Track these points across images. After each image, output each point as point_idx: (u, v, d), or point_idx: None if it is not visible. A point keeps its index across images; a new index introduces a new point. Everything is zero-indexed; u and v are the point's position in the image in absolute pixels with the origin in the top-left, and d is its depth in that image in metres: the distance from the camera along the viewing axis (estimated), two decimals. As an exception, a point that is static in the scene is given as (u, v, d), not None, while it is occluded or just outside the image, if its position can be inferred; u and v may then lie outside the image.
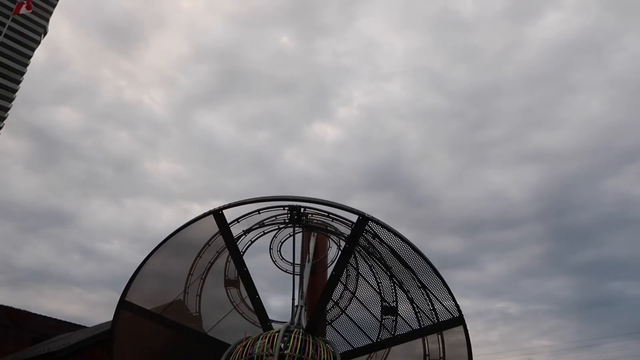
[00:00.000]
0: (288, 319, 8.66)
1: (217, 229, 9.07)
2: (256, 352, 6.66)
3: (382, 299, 10.50)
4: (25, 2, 31.53)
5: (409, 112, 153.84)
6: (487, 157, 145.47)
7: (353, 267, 11.07)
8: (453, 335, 8.80)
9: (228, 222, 9.06)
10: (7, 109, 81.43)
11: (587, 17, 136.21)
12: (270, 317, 8.62)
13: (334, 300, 10.95)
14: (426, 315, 9.10)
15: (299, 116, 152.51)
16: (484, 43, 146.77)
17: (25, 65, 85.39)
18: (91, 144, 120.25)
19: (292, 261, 10.56)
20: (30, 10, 32.38)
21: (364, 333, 10.37)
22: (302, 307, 8.77)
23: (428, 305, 8.97)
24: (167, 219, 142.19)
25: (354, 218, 8.85)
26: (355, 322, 10.62)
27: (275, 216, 10.28)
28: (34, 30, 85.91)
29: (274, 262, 11.64)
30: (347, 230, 9.83)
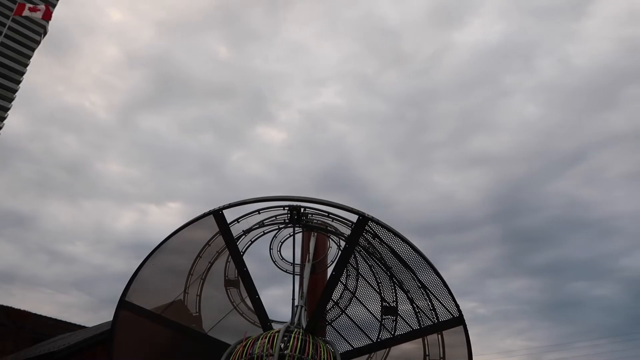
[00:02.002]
0: (288, 319, 8.67)
1: (217, 229, 9.06)
2: (256, 352, 6.66)
3: (382, 299, 10.50)
4: (29, 6, 31.45)
5: (349, 116, 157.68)
6: (433, 160, 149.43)
7: (353, 267, 11.07)
8: (453, 335, 8.80)
9: (228, 222, 9.06)
10: (7, 109, 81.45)
11: (509, 23, 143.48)
12: (270, 317, 8.62)
13: (334, 300, 10.96)
14: (426, 315, 9.10)
15: (240, 120, 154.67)
16: (412, 48, 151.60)
17: (25, 65, 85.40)
18: (40, 147, 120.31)
19: (292, 261, 10.57)
20: (35, 15, 32.25)
21: (364, 333, 10.38)
22: (302, 307, 8.78)
23: (428, 305, 8.97)
24: (126, 220, 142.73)
25: (354, 218, 8.84)
26: (355, 322, 10.62)
27: (275, 216, 10.28)
28: (34, 30, 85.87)
29: (274, 262, 11.65)
30: (347, 230, 9.84)
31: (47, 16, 32.31)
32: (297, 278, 10.39)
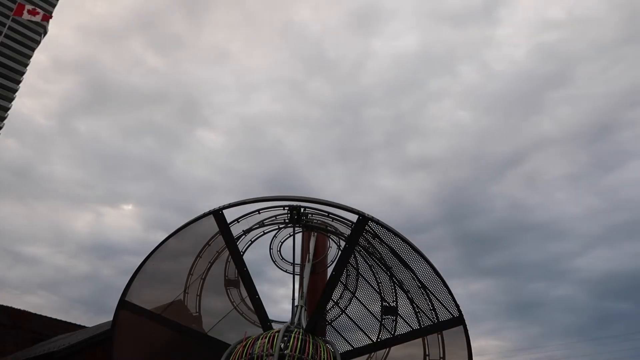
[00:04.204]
0: (287, 319, 8.67)
1: (217, 229, 9.06)
2: (256, 352, 6.66)
3: (382, 299, 10.50)
4: (28, 7, 31.48)
5: (286, 121, 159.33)
6: (374, 163, 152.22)
7: (353, 267, 11.07)
8: (453, 335, 8.79)
9: (228, 222, 9.05)
10: (7, 109, 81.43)
11: (425, 30, 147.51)
12: (270, 317, 8.62)
13: (334, 300, 10.96)
14: (426, 315, 9.10)
15: (178, 124, 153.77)
16: (336, 54, 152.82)
17: (25, 65, 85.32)
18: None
19: (292, 261, 10.57)
20: (35, 18, 32.30)
21: (364, 333, 10.37)
22: (302, 307, 8.77)
23: (428, 305, 8.97)
24: (83, 221, 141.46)
25: (354, 218, 8.84)
26: (355, 322, 10.62)
27: (275, 216, 10.28)
28: (34, 30, 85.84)
29: (274, 262, 11.65)
30: (347, 230, 9.83)
31: (46, 18, 32.39)
32: (297, 278, 10.39)
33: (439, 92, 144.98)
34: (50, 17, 32.43)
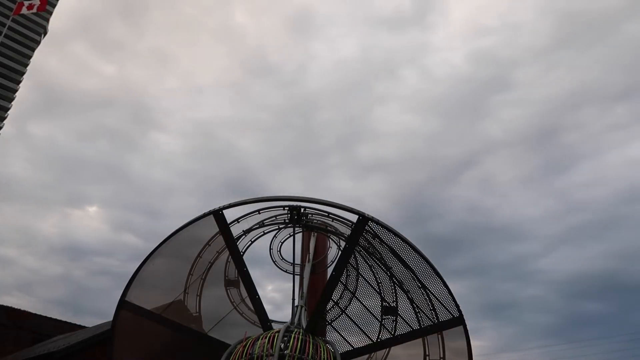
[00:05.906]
0: (287, 319, 8.67)
1: (217, 229, 9.06)
2: (256, 352, 6.67)
3: (382, 299, 10.49)
4: (26, 3, 31.30)
5: (237, 124, 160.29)
6: (330, 166, 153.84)
7: (353, 267, 11.07)
8: (453, 335, 8.80)
9: (228, 222, 9.06)
10: (7, 109, 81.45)
11: (362, 35, 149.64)
12: (270, 317, 8.62)
13: (334, 300, 10.95)
14: (426, 315, 9.10)
15: (130, 127, 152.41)
16: (277, 59, 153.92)
17: (25, 65, 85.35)
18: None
19: (292, 261, 10.57)
20: (32, 10, 32.03)
21: (364, 333, 10.37)
22: (302, 307, 8.78)
23: (428, 305, 8.97)
24: (50, 223, 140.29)
25: (354, 218, 8.85)
26: (355, 322, 10.62)
27: (275, 216, 10.29)
28: (34, 30, 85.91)
29: (274, 262, 11.65)
30: (347, 230, 9.84)
31: (42, 7, 31.88)
32: (297, 278, 10.39)
33: (384, 96, 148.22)
34: (44, 8, 31.80)
